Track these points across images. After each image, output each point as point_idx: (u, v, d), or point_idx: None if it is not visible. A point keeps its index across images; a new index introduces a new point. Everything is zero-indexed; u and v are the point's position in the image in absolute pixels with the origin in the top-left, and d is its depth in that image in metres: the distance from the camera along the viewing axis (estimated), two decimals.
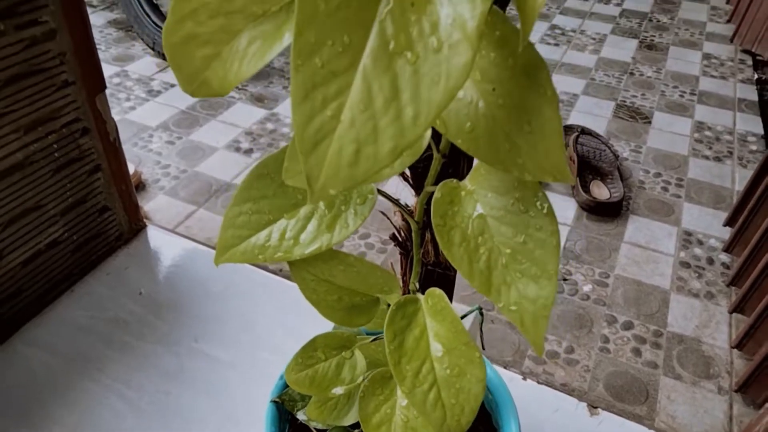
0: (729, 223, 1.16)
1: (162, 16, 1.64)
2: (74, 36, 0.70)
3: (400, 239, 0.40)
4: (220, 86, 0.29)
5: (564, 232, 1.15)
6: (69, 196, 0.76)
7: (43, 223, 0.74)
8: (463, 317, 0.44)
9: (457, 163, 0.40)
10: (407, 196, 0.40)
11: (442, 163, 0.33)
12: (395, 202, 0.36)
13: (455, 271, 0.47)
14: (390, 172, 0.29)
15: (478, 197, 0.29)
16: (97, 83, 0.75)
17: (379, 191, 0.34)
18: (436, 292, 0.33)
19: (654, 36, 1.93)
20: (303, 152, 0.21)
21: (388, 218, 0.40)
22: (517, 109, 0.24)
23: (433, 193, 0.31)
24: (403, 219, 0.39)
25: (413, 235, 0.37)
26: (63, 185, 0.75)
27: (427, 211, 0.38)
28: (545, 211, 0.28)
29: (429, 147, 0.33)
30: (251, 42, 0.27)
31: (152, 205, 1.15)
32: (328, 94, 0.21)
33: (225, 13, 0.27)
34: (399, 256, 0.41)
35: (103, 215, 0.82)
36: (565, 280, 1.05)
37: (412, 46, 0.21)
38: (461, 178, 0.33)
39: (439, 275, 0.42)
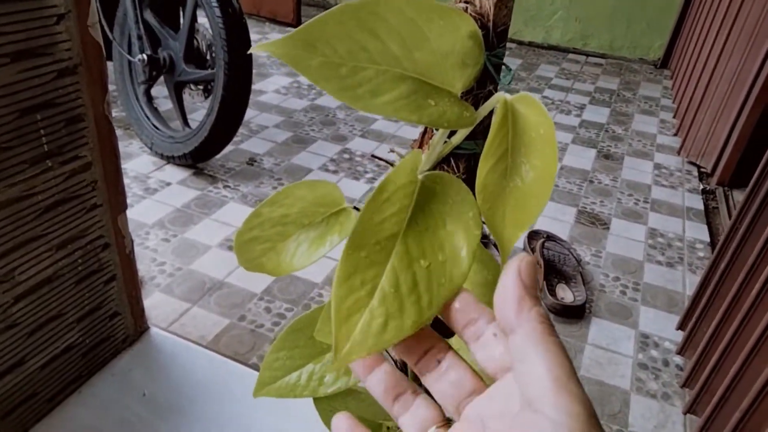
0: (681, 326, 1.28)
1: (161, 119, 1.77)
2: (105, 166, 0.81)
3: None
4: (272, 270, 0.39)
5: None
6: (87, 304, 0.84)
7: (62, 330, 0.81)
8: None
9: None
10: None
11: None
12: None
13: None
14: None
15: None
16: (121, 204, 0.85)
17: None
18: None
19: (610, 146, 2.13)
20: (336, 323, 0.31)
21: (388, 354, 0.49)
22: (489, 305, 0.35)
23: None
24: (395, 362, 0.48)
25: (409, 370, 0.47)
26: (82, 295, 0.83)
27: None
28: None
29: None
30: (299, 244, 0.37)
31: (148, 302, 1.22)
32: (366, 277, 0.30)
33: (282, 223, 0.37)
34: None
35: (113, 320, 0.90)
36: None
37: (425, 256, 0.31)
38: (447, 333, 0.43)
39: None
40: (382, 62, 0.32)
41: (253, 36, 2.97)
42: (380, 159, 0.45)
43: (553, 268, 1.41)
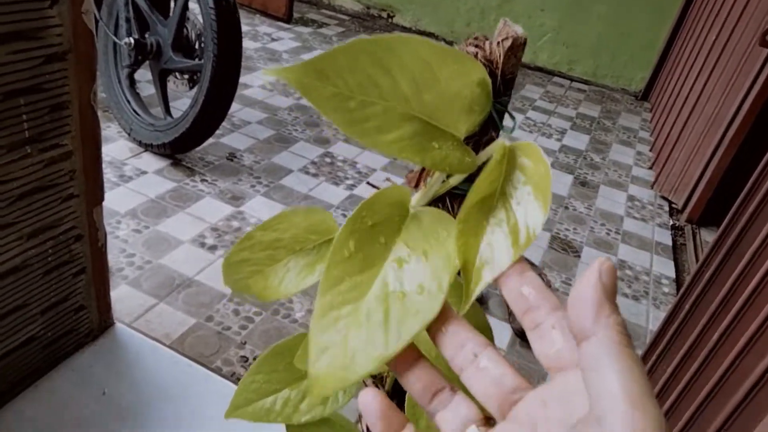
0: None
1: (142, 105, 1.73)
2: (86, 156, 0.79)
3: None
4: (258, 293, 0.38)
5: None
6: (53, 296, 0.81)
7: (24, 321, 0.78)
8: None
9: None
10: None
11: None
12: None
13: None
14: None
15: None
16: (98, 196, 0.83)
17: None
18: None
19: (587, 174, 2.17)
20: (312, 358, 0.30)
21: (363, 382, 0.49)
22: None
23: None
24: (375, 384, 0.48)
25: None
26: (49, 286, 0.80)
27: (395, 383, 0.47)
28: None
29: None
30: (288, 270, 0.37)
31: (114, 295, 1.19)
32: (341, 314, 0.30)
33: (274, 247, 0.37)
34: None
35: (79, 313, 0.87)
36: None
37: (404, 290, 0.31)
38: None
39: None
40: (391, 99, 0.32)
41: (242, 28, 2.94)
42: (375, 186, 0.45)
43: None
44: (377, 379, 0.46)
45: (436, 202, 0.41)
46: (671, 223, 1.93)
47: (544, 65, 3.29)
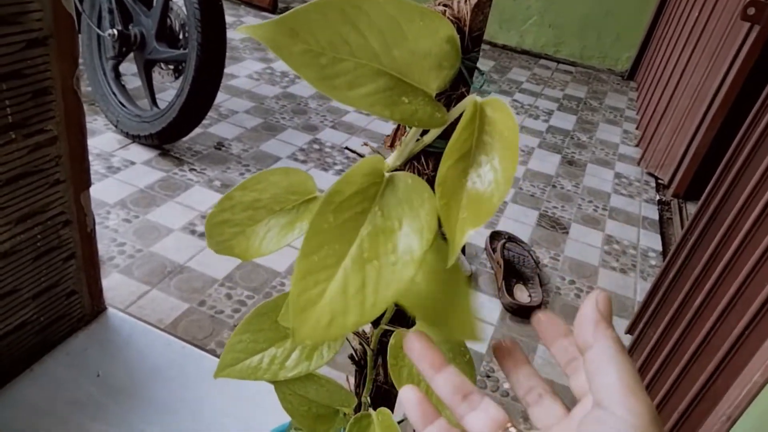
0: (629, 331, 1.33)
1: (128, 97, 1.73)
2: (71, 142, 0.79)
3: (356, 359, 0.51)
4: (240, 253, 0.39)
5: (489, 331, 1.28)
6: (44, 281, 0.82)
7: (16, 306, 0.79)
8: (400, 422, 0.55)
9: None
10: (366, 325, 0.51)
11: (394, 309, 0.44)
12: (355, 332, 0.47)
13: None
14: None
15: None
16: (84, 181, 0.84)
17: None
18: (385, 411, 0.44)
19: (574, 153, 2.19)
20: (294, 313, 0.32)
21: (348, 342, 0.50)
22: (445, 291, 0.36)
23: (385, 329, 0.42)
24: (360, 344, 0.50)
25: (368, 359, 0.48)
26: (40, 271, 0.81)
27: (380, 341, 0.49)
28: (467, 359, 0.39)
29: None
30: (269, 229, 0.38)
31: (106, 283, 1.20)
32: (319, 278, 0.32)
33: (254, 208, 0.38)
34: (354, 372, 0.52)
35: (70, 298, 0.88)
36: (488, 377, 1.17)
37: (379, 258, 0.33)
38: (409, 323, 0.45)
39: (385, 390, 0.53)
40: (361, 56, 0.33)
41: (227, 19, 2.92)
42: (353, 151, 0.46)
43: (512, 268, 1.45)
44: (362, 337, 0.47)
45: (412, 160, 0.42)
46: (658, 198, 1.95)
47: (530, 48, 3.29)
